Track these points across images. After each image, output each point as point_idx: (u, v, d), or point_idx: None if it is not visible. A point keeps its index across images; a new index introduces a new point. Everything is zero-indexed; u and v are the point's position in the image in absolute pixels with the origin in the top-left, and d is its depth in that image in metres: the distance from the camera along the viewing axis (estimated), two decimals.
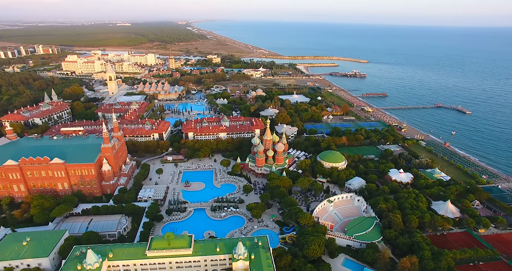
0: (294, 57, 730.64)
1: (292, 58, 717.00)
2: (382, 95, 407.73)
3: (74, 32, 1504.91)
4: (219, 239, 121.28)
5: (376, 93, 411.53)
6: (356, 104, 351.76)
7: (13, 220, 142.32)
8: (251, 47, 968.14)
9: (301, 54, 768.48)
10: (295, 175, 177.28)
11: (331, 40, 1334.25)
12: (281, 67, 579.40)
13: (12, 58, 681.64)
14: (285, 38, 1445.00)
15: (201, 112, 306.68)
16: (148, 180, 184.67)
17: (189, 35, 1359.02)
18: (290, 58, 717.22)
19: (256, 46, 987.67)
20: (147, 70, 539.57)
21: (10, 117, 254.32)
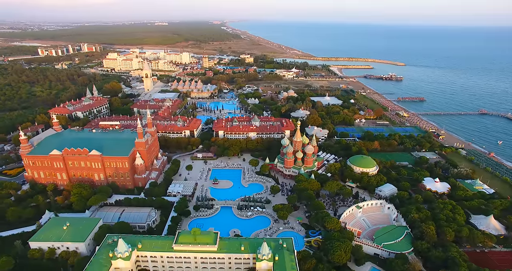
0: (327, 59, 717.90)
1: (325, 60, 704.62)
2: (419, 99, 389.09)
3: (116, 31, 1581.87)
4: (244, 238, 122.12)
5: (412, 98, 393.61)
6: (391, 108, 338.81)
7: (56, 205, 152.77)
8: (284, 47, 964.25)
9: (335, 56, 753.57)
10: (324, 178, 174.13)
11: (367, 42, 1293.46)
12: (314, 68, 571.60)
13: (61, 56, 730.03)
14: (319, 39, 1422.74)
15: (232, 111, 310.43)
16: (178, 175, 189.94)
17: (223, 34, 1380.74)
18: (323, 60, 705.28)
19: (289, 46, 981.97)
20: (181, 69, 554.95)
21: (57, 110, 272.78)
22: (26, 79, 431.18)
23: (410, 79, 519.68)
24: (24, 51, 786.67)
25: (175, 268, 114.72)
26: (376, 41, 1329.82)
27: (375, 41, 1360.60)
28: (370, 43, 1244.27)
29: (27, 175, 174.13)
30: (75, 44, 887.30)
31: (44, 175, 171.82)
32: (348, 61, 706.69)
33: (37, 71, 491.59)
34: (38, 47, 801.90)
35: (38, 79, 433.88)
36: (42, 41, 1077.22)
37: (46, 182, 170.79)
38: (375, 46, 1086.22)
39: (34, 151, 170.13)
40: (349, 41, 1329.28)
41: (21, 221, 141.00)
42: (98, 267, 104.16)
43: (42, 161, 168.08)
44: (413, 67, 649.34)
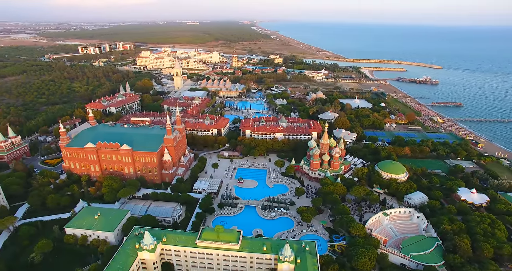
0: (358, 60, 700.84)
1: (356, 61, 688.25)
2: (456, 105, 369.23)
3: (149, 30, 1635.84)
4: (266, 239, 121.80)
5: (449, 103, 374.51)
6: (424, 113, 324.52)
7: (89, 195, 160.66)
8: (314, 48, 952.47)
9: (366, 58, 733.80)
10: (350, 182, 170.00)
11: (399, 43, 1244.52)
12: (344, 70, 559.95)
13: (98, 54, 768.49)
14: (350, 40, 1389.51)
15: (259, 111, 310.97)
16: (204, 172, 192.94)
17: (253, 34, 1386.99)
18: (354, 61, 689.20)
19: (320, 47, 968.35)
20: (211, 68, 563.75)
21: (93, 105, 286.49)
22: (67, 75, 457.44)
23: (446, 83, 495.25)
24: (66, 49, 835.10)
25: (197, 264, 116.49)
26: (410, 43, 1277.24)
27: (409, 42, 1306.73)
28: (403, 44, 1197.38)
29: (65, 165, 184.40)
30: (112, 42, 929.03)
31: (80, 166, 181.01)
32: (380, 63, 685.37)
33: (76, 68, 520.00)
34: (78, 46, 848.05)
35: (77, 76, 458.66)
36: (82, 40, 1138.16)
37: (81, 173, 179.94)
38: (409, 48, 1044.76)
39: (71, 143, 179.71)
40: (381, 42, 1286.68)
41: (59, 207, 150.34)
42: (125, 257, 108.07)
43: (78, 152, 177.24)
44: (451, 71, 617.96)
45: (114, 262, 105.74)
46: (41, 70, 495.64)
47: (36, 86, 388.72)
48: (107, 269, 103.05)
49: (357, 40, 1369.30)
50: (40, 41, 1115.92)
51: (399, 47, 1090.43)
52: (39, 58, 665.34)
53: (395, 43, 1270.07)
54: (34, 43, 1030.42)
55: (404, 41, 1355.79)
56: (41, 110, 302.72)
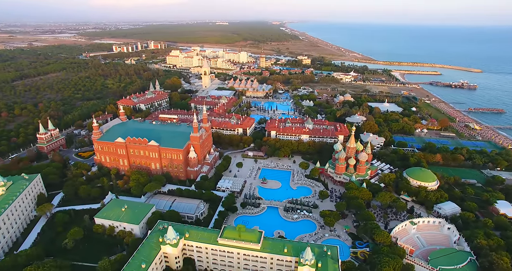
0: (389, 63, 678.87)
1: (387, 64, 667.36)
2: (497, 111, 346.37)
3: (180, 30, 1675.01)
4: (288, 240, 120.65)
5: (488, 109, 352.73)
6: (459, 119, 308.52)
7: (117, 188, 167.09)
8: (344, 50, 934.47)
9: (398, 60, 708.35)
10: (376, 188, 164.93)
11: (434, 45, 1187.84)
12: (374, 72, 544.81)
13: (131, 52, 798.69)
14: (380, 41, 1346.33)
15: (285, 112, 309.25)
16: (228, 171, 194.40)
17: (282, 35, 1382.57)
18: (384, 64, 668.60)
19: (349, 49, 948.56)
20: (238, 67, 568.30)
21: (124, 101, 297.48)
22: (101, 72, 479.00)
23: (486, 88, 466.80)
24: (102, 48, 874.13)
25: (218, 261, 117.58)
26: (444, 45, 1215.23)
27: (442, 44, 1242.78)
28: (438, 47, 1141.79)
29: (96, 158, 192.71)
30: (144, 41, 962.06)
31: (110, 159, 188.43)
32: (412, 66, 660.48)
33: (110, 66, 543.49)
34: (113, 45, 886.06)
35: (111, 73, 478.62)
36: (116, 39, 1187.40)
37: (111, 166, 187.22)
38: (443, 50, 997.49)
39: (103, 137, 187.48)
40: (413, 44, 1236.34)
41: (89, 198, 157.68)
42: (149, 249, 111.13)
43: (109, 146, 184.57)
44: (493, 75, 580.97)
45: (138, 254, 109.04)
46: (79, 67, 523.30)
47: (74, 82, 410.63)
48: (132, 260, 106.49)
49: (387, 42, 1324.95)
50: (79, 40, 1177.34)
51: (432, 49, 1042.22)
52: (77, 56, 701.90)
53: (428, 44, 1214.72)
54: (74, 42, 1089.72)
55: (437, 43, 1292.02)
56: (77, 105, 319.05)
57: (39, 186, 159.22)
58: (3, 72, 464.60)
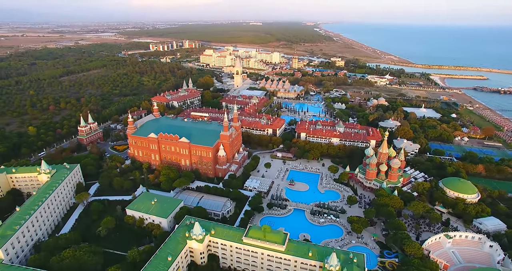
0: (428, 66, 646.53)
1: (425, 67, 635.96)
2: None
3: (214, 29, 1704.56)
4: (313, 244, 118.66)
5: None
6: (508, 128, 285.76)
7: (148, 182, 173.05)
8: (379, 52, 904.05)
9: (438, 63, 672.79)
10: (408, 196, 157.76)
11: (480, 47, 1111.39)
12: (411, 76, 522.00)
13: (166, 51, 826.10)
14: (420, 43, 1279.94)
15: (316, 114, 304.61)
16: (256, 171, 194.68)
17: (315, 36, 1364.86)
18: (423, 67, 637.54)
19: (385, 51, 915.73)
20: (270, 68, 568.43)
21: (158, 98, 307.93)
22: (138, 70, 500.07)
23: None
24: (140, 46, 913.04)
25: (242, 260, 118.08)
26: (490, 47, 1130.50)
27: (489, 46, 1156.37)
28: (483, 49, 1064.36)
29: (130, 152, 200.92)
30: (179, 40, 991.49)
31: (142, 154, 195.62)
32: (454, 70, 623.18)
33: (146, 63, 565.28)
34: (150, 43, 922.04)
35: (147, 71, 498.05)
36: (153, 38, 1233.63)
37: (143, 160, 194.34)
38: (489, 53, 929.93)
39: (137, 132, 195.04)
40: (457, 46, 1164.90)
41: (122, 190, 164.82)
42: (175, 243, 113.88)
43: (142, 141, 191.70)
44: None
45: (165, 247, 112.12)
46: (118, 64, 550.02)
47: (112, 79, 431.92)
48: (159, 252, 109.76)
49: (426, 44, 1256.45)
50: (119, 39, 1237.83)
51: (476, 51, 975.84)
52: (117, 54, 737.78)
53: (471, 46, 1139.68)
54: (114, 40, 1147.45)
55: (481, 45, 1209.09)
56: (114, 100, 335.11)
57: (78, 175, 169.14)
58: (53, 69, 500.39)
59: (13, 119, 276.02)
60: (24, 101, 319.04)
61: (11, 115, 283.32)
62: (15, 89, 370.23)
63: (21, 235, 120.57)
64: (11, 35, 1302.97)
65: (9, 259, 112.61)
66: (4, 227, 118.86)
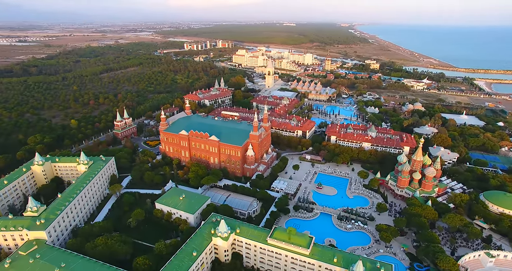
0: (472, 70, 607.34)
1: (469, 71, 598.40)
2: None
3: (247, 30, 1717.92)
4: (338, 250, 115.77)
5: None
6: None
7: (177, 178, 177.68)
8: (418, 55, 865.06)
9: (484, 67, 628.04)
10: (444, 208, 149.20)
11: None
12: (452, 80, 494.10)
13: (200, 50, 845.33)
14: (463, 45, 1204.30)
15: (348, 117, 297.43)
16: (284, 172, 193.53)
17: (350, 38, 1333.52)
18: (466, 71, 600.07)
19: (424, 54, 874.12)
20: (302, 69, 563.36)
21: (190, 96, 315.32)
22: (172, 68, 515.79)
23: None
24: (174, 45, 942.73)
25: (265, 261, 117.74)
26: None
27: None
28: None
29: (161, 147, 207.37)
30: (212, 40, 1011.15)
31: (173, 150, 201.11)
32: (504, 74, 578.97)
33: (180, 62, 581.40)
34: (184, 42, 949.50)
35: (180, 69, 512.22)
36: (188, 37, 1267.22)
37: (173, 157, 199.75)
38: None
39: (168, 128, 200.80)
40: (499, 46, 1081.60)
41: (152, 184, 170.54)
42: (201, 239, 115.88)
43: (173, 138, 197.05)
44: None
45: (191, 242, 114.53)
46: (153, 63, 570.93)
47: (148, 76, 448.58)
48: (185, 246, 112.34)
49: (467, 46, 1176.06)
50: (156, 38, 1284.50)
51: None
52: (153, 52, 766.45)
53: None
54: (151, 39, 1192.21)
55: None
56: (149, 97, 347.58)
57: (112, 168, 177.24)
58: (94, 66, 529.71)
59: (59, 112, 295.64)
60: (68, 96, 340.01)
61: (57, 109, 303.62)
62: (61, 85, 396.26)
63: (61, 220, 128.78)
64: (61, 35, 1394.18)
65: (51, 241, 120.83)
66: (47, 211, 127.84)
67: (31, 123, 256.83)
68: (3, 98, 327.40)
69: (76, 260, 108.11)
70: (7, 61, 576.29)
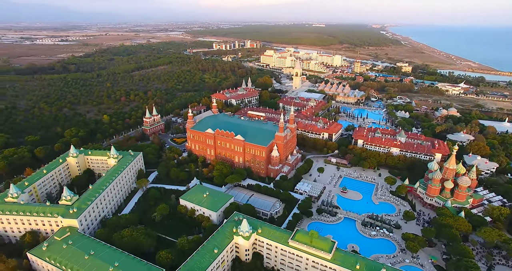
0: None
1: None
2: None
3: (276, 30, 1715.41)
4: (361, 257, 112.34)
5: None
6: None
7: (202, 175, 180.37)
8: (454, 57, 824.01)
9: None
10: (479, 220, 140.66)
11: None
12: (493, 85, 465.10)
13: (228, 50, 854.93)
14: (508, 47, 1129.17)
15: (376, 121, 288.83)
16: (308, 175, 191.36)
17: (381, 39, 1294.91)
18: (511, 75, 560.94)
19: (462, 56, 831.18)
20: (331, 71, 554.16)
21: (217, 95, 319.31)
22: (200, 67, 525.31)
23: None
24: (204, 45, 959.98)
25: (286, 262, 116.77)
26: None
27: None
28: None
29: (188, 145, 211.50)
30: (241, 40, 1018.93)
31: (199, 148, 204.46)
32: None
33: (209, 61, 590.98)
34: (213, 42, 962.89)
35: (208, 68, 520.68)
36: (217, 37, 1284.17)
37: (199, 154, 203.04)
38: None
39: (195, 126, 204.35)
40: None
41: (178, 180, 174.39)
42: (223, 237, 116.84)
43: (199, 136, 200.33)
44: None
45: (213, 239, 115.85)
46: (182, 61, 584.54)
47: (177, 75, 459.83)
48: (207, 243, 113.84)
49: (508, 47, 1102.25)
50: (186, 37, 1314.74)
51: None
52: (182, 51, 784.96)
53: None
54: (181, 39, 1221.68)
55: None
56: (177, 95, 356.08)
57: (140, 163, 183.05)
58: (127, 64, 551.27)
59: (93, 107, 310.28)
60: (102, 92, 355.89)
61: (91, 104, 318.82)
62: (96, 82, 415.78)
63: (92, 210, 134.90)
64: (98, 34, 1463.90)
65: (82, 229, 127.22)
66: (80, 201, 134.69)
67: (68, 117, 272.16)
68: (46, 94, 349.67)
69: (104, 249, 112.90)
70: (50, 59, 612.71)
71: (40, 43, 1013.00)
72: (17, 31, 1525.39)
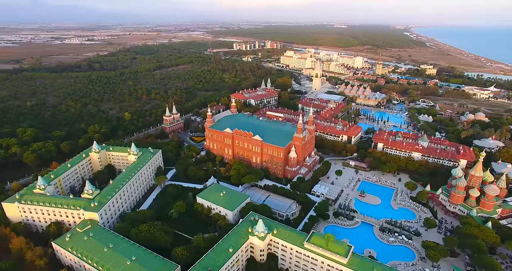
0: None
1: None
2: None
3: (296, 31, 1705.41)
4: (378, 263, 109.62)
5: None
6: None
7: (219, 174, 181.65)
8: (484, 59, 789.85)
9: None
10: (508, 232, 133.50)
11: None
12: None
13: (248, 50, 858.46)
14: None
15: (397, 125, 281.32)
16: (325, 177, 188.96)
17: (405, 41, 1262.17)
18: None
19: (492, 58, 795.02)
20: (352, 73, 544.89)
21: (236, 95, 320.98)
22: (220, 67, 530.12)
23: None
24: (224, 45, 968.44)
25: (301, 265, 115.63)
26: None
27: None
28: None
29: (206, 144, 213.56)
30: (261, 41, 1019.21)
31: (217, 147, 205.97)
32: None
33: (229, 61, 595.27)
34: (234, 42, 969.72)
35: (228, 68, 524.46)
36: (237, 37, 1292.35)
37: (217, 153, 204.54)
38: None
39: (214, 125, 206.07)
40: None
41: (195, 178, 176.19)
42: (238, 237, 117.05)
43: (218, 135, 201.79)
44: None
45: (228, 238, 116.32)
46: (203, 61, 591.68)
47: (197, 74, 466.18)
48: (222, 242, 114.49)
49: None
50: (206, 37, 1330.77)
51: None
52: (203, 51, 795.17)
53: None
54: (202, 39, 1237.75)
55: None
56: (196, 94, 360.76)
57: (159, 160, 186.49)
58: (149, 63, 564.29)
59: (115, 105, 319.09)
60: (124, 90, 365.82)
61: (114, 102, 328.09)
62: (119, 80, 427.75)
63: (112, 204, 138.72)
64: (122, 34, 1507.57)
65: (102, 223, 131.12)
66: (100, 195, 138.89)
67: (92, 114, 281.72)
68: (72, 91, 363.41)
69: (122, 243, 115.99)
70: (77, 58, 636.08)
71: (69, 42, 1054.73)
72: (49, 32, 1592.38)
